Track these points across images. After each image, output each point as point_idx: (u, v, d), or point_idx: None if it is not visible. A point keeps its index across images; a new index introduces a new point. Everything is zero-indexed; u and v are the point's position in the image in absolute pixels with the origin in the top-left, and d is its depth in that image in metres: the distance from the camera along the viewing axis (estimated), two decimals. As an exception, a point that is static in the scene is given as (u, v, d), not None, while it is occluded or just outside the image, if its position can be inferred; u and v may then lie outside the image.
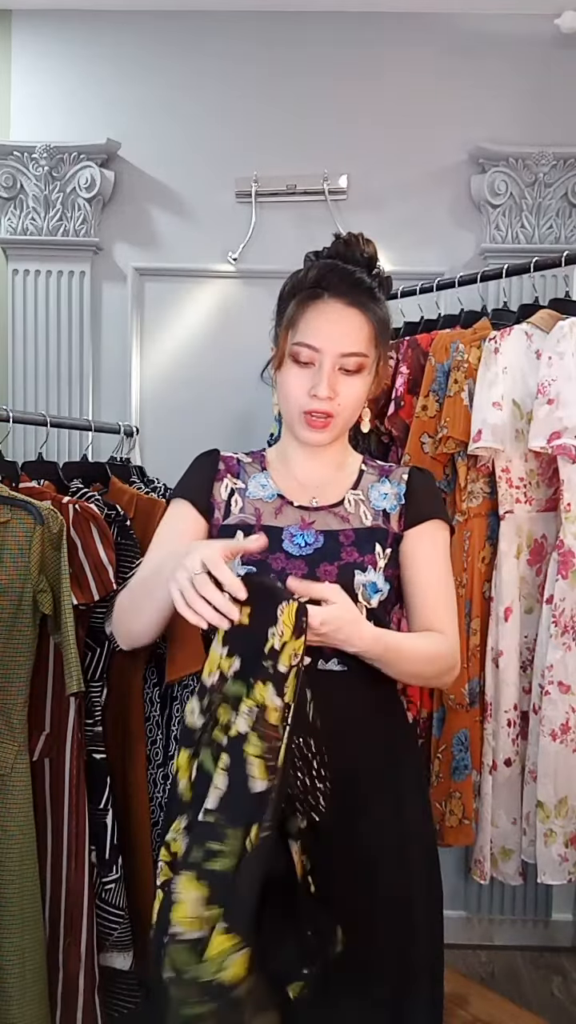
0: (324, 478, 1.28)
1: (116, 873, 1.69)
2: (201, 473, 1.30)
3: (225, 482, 1.28)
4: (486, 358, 1.79)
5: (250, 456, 1.33)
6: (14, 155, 2.41)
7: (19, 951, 1.52)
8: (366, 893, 1.14)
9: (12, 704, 1.56)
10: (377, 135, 2.45)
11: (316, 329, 1.17)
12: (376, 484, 1.29)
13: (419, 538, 1.26)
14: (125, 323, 2.48)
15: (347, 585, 1.18)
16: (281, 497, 1.26)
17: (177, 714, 1.92)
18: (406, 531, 1.26)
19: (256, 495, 1.27)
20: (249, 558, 1.19)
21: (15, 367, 2.47)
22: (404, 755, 1.25)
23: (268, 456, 1.33)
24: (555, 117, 2.41)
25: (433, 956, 1.21)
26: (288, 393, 1.21)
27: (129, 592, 1.23)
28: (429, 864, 1.23)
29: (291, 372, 1.20)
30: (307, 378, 1.18)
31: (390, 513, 1.26)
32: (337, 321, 1.18)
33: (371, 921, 1.13)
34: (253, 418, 2.38)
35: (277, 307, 1.26)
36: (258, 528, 1.22)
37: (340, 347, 1.17)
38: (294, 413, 1.21)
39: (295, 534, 1.22)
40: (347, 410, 1.22)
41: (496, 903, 2.43)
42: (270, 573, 1.18)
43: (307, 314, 1.18)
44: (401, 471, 1.31)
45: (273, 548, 1.20)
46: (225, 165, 2.45)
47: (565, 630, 1.72)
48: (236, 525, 1.24)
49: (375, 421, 2.03)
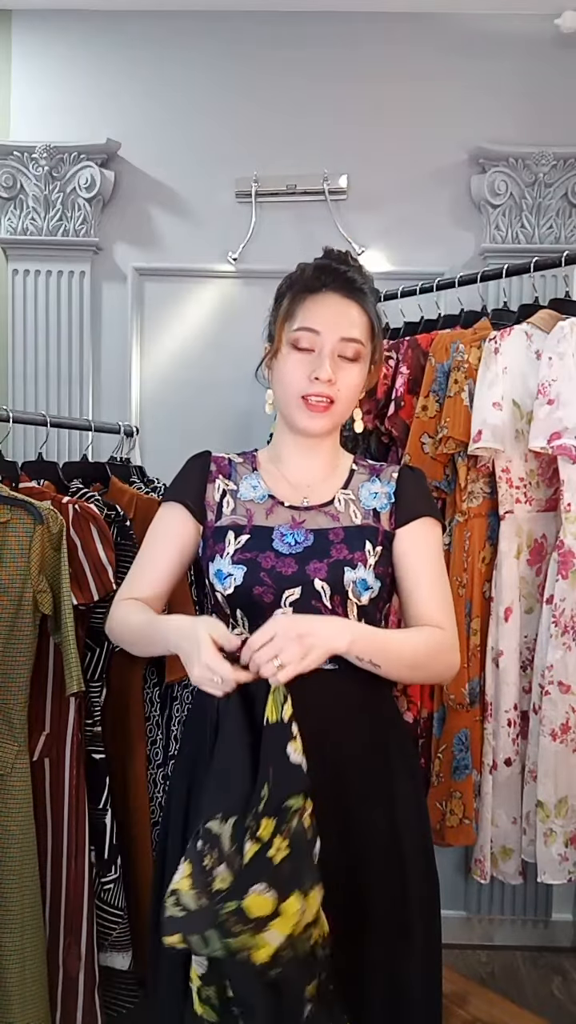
0: (316, 478, 1.29)
1: (115, 873, 1.70)
2: (193, 475, 1.31)
3: (217, 483, 1.29)
4: (486, 358, 1.79)
5: (241, 457, 1.34)
6: (14, 155, 2.41)
7: (19, 951, 1.52)
8: (361, 892, 1.14)
9: (12, 704, 1.56)
10: (377, 135, 2.44)
11: (316, 315, 1.21)
12: (366, 483, 1.30)
13: (411, 536, 1.26)
14: (125, 323, 2.48)
15: (337, 582, 1.18)
16: (272, 498, 1.27)
17: (177, 714, 1.92)
18: (398, 529, 1.26)
19: (247, 496, 1.28)
20: (240, 557, 1.20)
21: (15, 367, 2.47)
22: (397, 753, 1.25)
23: (259, 457, 1.34)
24: (555, 117, 2.41)
25: (431, 955, 1.21)
26: (287, 380, 1.22)
27: (126, 630, 1.25)
28: (425, 862, 1.23)
29: (290, 359, 1.22)
30: (307, 363, 1.21)
31: (380, 512, 1.27)
32: (336, 309, 1.22)
33: (367, 920, 1.13)
34: (253, 418, 2.38)
35: (273, 305, 1.28)
36: (249, 528, 1.23)
37: (340, 331, 1.21)
38: (292, 400, 1.22)
39: (285, 533, 1.22)
40: (345, 398, 1.24)
41: (496, 903, 2.43)
42: (260, 572, 1.18)
43: (306, 303, 1.21)
44: (391, 470, 1.32)
45: (263, 547, 1.21)
46: (225, 165, 2.45)
47: (565, 630, 1.72)
48: (228, 526, 1.25)
49: (375, 421, 2.03)
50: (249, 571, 1.19)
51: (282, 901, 0.93)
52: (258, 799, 0.97)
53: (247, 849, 0.95)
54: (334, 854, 1.10)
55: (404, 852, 1.18)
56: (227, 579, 1.20)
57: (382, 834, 1.17)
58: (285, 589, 1.18)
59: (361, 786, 1.17)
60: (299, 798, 0.98)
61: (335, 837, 1.11)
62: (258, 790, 0.98)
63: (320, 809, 1.06)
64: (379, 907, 1.14)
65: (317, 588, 1.18)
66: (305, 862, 0.97)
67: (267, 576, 1.18)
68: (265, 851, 0.95)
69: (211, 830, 1.00)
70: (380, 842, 1.16)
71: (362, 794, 1.17)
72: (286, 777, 0.98)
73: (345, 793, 1.15)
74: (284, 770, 0.99)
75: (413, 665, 1.22)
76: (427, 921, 1.21)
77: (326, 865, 1.06)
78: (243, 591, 1.19)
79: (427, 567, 1.26)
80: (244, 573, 1.19)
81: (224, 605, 1.21)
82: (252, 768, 1.00)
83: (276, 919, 0.93)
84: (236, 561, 1.20)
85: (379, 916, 1.14)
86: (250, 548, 1.21)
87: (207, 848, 0.99)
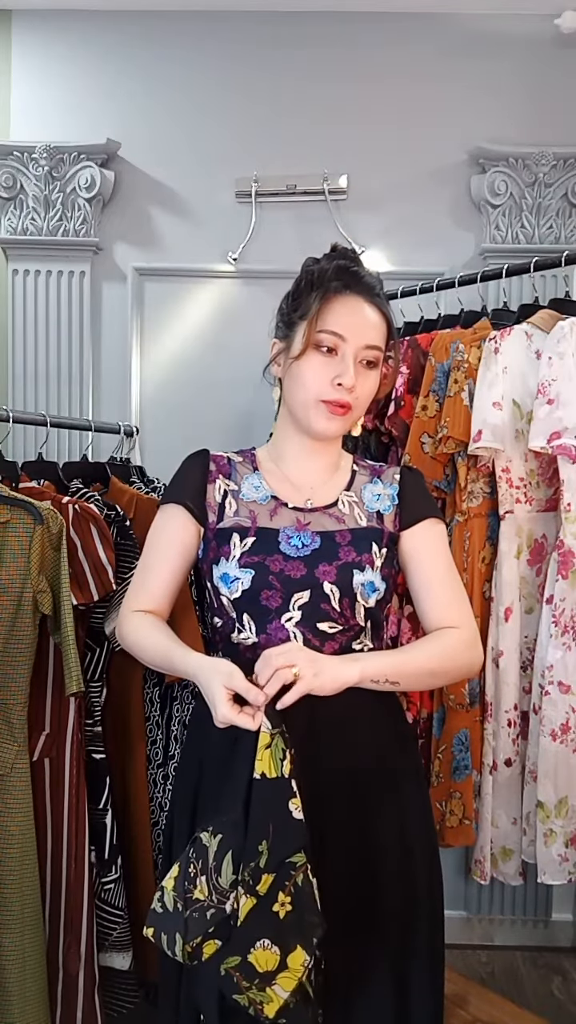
0: (319, 479, 1.28)
1: (116, 873, 1.70)
2: (193, 475, 1.29)
3: (218, 483, 1.28)
4: (486, 358, 1.79)
5: (240, 455, 1.33)
6: (14, 155, 2.41)
7: (19, 951, 1.52)
8: (370, 894, 1.14)
9: (12, 704, 1.56)
10: (377, 135, 2.45)
11: (343, 318, 1.19)
12: (369, 485, 1.29)
13: (418, 538, 1.26)
14: (125, 323, 2.48)
15: (346, 585, 1.18)
16: (275, 499, 1.26)
17: (177, 714, 1.92)
18: (403, 532, 1.26)
19: (250, 497, 1.26)
20: (247, 560, 1.19)
21: (15, 367, 2.47)
22: (402, 756, 1.25)
23: (259, 456, 1.33)
24: (555, 117, 2.41)
25: (434, 957, 1.21)
26: (308, 382, 1.20)
27: (141, 651, 1.25)
28: (430, 865, 1.23)
29: (313, 360, 1.20)
30: (331, 367, 1.19)
31: (384, 514, 1.26)
32: (361, 314, 1.20)
33: (374, 921, 1.14)
34: (253, 418, 2.38)
35: (291, 301, 1.26)
36: (254, 530, 1.22)
37: (364, 339, 1.20)
38: (310, 402, 1.21)
39: (292, 536, 1.21)
40: (362, 405, 1.24)
41: (496, 903, 2.43)
42: (269, 575, 1.18)
43: (332, 305, 1.19)
44: (392, 471, 1.32)
45: (271, 550, 1.20)
46: (225, 165, 2.45)
47: (565, 630, 1.72)
48: (232, 528, 1.23)
49: (375, 421, 2.03)
50: (257, 575, 1.18)
51: (287, 954, 0.95)
52: (254, 853, 0.98)
53: (243, 904, 0.97)
54: (344, 858, 1.10)
55: (413, 854, 1.19)
56: (234, 583, 1.19)
57: (391, 838, 1.17)
58: (294, 592, 1.17)
59: (370, 791, 1.17)
60: (301, 855, 0.99)
61: (344, 842, 1.11)
62: (253, 842, 0.99)
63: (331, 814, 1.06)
64: (387, 908, 1.15)
65: (326, 591, 1.17)
66: (307, 914, 0.98)
67: (276, 580, 1.17)
68: (269, 906, 0.97)
69: (201, 840, 1.02)
70: (389, 844, 1.16)
71: (371, 798, 1.16)
72: (288, 835, 0.99)
73: (355, 797, 1.15)
74: (286, 828, 1.00)
75: (432, 673, 1.22)
76: (432, 922, 1.21)
77: (335, 867, 1.06)
78: (251, 595, 1.18)
79: (436, 567, 1.26)
80: (252, 577, 1.18)
81: (230, 609, 1.20)
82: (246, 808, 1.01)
83: (282, 972, 0.95)
84: (243, 565, 1.19)
85: (387, 917, 1.14)
86: (257, 551, 1.20)
87: (194, 856, 1.02)
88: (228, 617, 1.21)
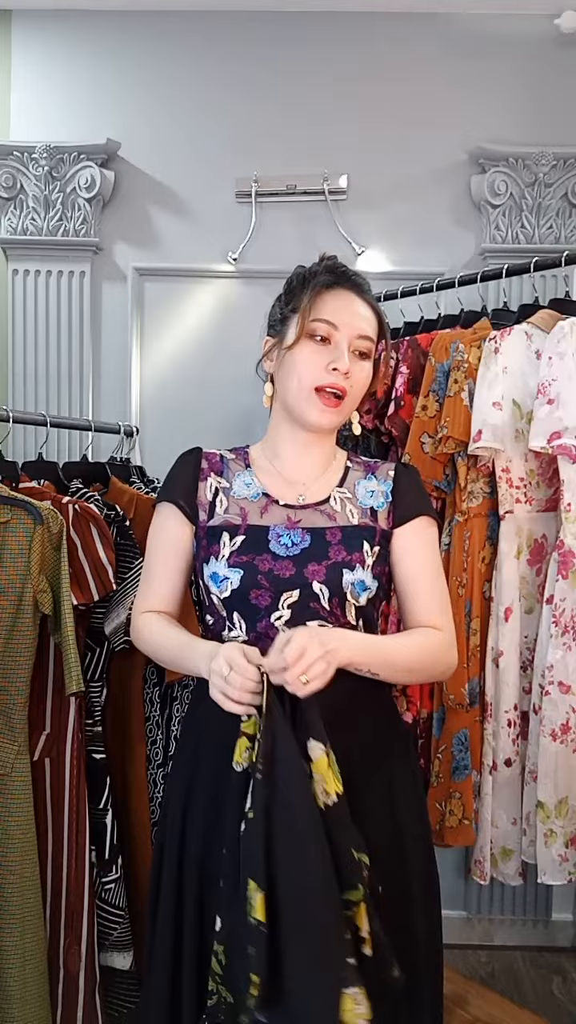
0: (312, 475, 1.28)
1: (116, 873, 1.70)
2: (184, 474, 1.30)
3: (209, 481, 1.28)
4: (486, 358, 1.79)
5: (233, 453, 1.33)
6: (14, 155, 2.41)
7: (19, 951, 1.52)
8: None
9: (12, 704, 1.56)
10: (377, 135, 2.44)
11: (335, 309, 1.22)
12: (362, 481, 1.29)
13: (409, 536, 1.26)
14: (125, 323, 2.48)
15: (335, 584, 1.18)
16: (266, 496, 1.26)
17: (177, 714, 1.92)
18: (395, 529, 1.26)
19: (241, 494, 1.27)
20: (236, 560, 1.19)
21: (15, 367, 2.47)
22: (397, 754, 1.25)
23: (252, 453, 1.33)
24: (555, 117, 2.41)
25: (433, 956, 1.21)
26: (302, 370, 1.22)
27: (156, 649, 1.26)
28: (426, 862, 1.23)
29: (307, 349, 1.22)
30: (325, 354, 1.21)
31: (378, 511, 1.27)
32: (353, 306, 1.23)
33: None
34: (253, 417, 2.38)
35: (284, 298, 1.29)
36: (244, 529, 1.22)
37: (356, 328, 1.22)
38: (305, 392, 1.22)
39: (281, 534, 1.21)
40: (355, 394, 1.25)
41: (496, 903, 2.43)
42: (258, 575, 1.18)
43: (324, 297, 1.22)
44: (387, 467, 1.32)
45: (260, 549, 1.20)
46: (225, 165, 2.45)
47: (565, 630, 1.72)
48: (221, 526, 1.23)
49: (375, 421, 2.03)
50: (246, 574, 1.18)
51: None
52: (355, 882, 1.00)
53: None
54: None
55: (407, 853, 1.19)
56: (223, 582, 1.19)
57: (385, 835, 1.17)
58: (283, 592, 1.17)
59: (363, 787, 1.16)
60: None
61: None
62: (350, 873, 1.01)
63: None
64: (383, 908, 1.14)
65: (315, 591, 1.17)
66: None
67: (264, 579, 1.17)
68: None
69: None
70: (383, 843, 1.16)
71: (364, 795, 1.16)
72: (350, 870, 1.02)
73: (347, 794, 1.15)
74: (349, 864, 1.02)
75: (409, 669, 1.23)
76: (429, 921, 1.21)
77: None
78: (240, 594, 1.18)
79: (425, 567, 1.26)
80: (241, 576, 1.18)
81: (220, 607, 1.21)
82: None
83: None
84: (232, 564, 1.19)
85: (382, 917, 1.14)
86: (246, 550, 1.20)
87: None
88: (219, 616, 1.22)
